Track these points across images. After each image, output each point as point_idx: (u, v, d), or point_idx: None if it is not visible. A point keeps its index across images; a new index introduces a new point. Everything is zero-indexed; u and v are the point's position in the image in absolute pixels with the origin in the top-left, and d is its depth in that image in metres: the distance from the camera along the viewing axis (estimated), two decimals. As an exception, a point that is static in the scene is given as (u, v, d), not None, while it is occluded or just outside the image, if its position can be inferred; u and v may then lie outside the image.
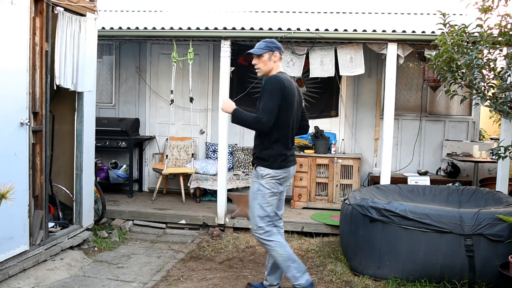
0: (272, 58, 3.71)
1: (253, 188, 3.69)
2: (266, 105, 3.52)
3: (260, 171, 3.64)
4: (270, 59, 3.70)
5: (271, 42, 3.74)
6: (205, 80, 7.39)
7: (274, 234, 3.68)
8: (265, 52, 3.69)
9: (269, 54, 3.69)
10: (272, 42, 3.74)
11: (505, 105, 3.92)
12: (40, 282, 4.09)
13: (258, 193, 3.64)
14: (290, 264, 3.65)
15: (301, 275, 3.65)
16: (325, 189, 6.57)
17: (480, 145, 6.68)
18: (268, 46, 3.71)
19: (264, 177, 3.62)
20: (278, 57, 3.73)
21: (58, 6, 4.48)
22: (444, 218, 4.11)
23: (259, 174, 3.65)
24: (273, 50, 3.70)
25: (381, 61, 6.93)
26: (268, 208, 3.66)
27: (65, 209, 5.18)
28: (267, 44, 3.72)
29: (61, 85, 4.61)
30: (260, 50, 3.69)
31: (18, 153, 4.06)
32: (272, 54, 3.70)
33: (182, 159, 7.25)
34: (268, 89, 3.55)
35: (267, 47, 3.70)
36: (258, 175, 3.65)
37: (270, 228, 3.68)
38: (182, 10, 7.64)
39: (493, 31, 4.00)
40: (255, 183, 3.68)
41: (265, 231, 3.65)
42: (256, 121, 3.53)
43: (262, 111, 3.51)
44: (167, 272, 4.47)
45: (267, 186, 3.63)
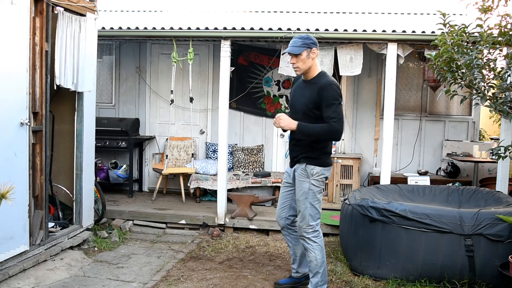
0: (311, 55, 3.61)
1: (303, 188, 3.66)
2: (337, 113, 3.49)
3: (310, 170, 3.64)
4: (309, 56, 3.60)
5: (307, 38, 3.60)
6: (205, 80, 7.39)
7: (321, 236, 3.76)
8: (303, 50, 3.56)
9: (307, 51, 3.58)
10: (308, 38, 3.61)
11: (505, 105, 3.92)
12: (40, 282, 4.09)
13: (309, 192, 3.65)
14: (320, 271, 3.73)
15: (323, 284, 3.77)
16: (325, 189, 6.57)
17: (480, 145, 6.68)
18: (305, 43, 3.56)
19: (314, 175, 3.64)
20: (316, 54, 3.63)
21: (58, 6, 4.48)
22: (444, 218, 4.11)
23: (309, 173, 3.65)
24: (310, 47, 3.58)
25: (381, 61, 6.93)
26: (318, 205, 3.72)
27: (65, 209, 5.18)
28: (304, 41, 3.58)
29: (61, 85, 4.62)
30: (297, 49, 3.56)
31: (18, 153, 4.06)
32: (311, 51, 3.60)
33: (182, 159, 7.25)
34: (334, 95, 3.51)
35: (304, 44, 3.56)
36: (308, 174, 3.65)
37: (319, 229, 3.75)
38: (182, 10, 7.65)
39: (493, 31, 4.00)
40: (304, 182, 3.66)
41: (315, 230, 3.71)
42: (331, 131, 3.49)
43: (337, 120, 3.47)
44: (167, 272, 4.47)
45: (317, 184, 3.66)
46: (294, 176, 3.79)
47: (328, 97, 3.50)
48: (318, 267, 3.72)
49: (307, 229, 3.69)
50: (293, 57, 3.62)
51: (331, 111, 3.48)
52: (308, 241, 3.72)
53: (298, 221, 3.77)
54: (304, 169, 3.67)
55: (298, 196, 3.71)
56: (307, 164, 3.65)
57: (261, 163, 7.21)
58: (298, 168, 3.71)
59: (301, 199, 3.69)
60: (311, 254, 3.71)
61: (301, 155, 3.68)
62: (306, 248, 3.75)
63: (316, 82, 3.62)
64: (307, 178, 3.66)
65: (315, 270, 3.73)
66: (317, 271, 3.73)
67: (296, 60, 3.61)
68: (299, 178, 3.69)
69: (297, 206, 3.77)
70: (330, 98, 3.50)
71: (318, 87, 3.56)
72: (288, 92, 7.21)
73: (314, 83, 3.63)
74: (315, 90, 3.57)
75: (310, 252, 3.72)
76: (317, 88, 3.56)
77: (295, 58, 3.61)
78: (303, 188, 3.67)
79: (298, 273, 4.09)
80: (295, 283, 4.09)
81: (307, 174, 3.66)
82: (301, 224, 3.72)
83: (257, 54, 7.14)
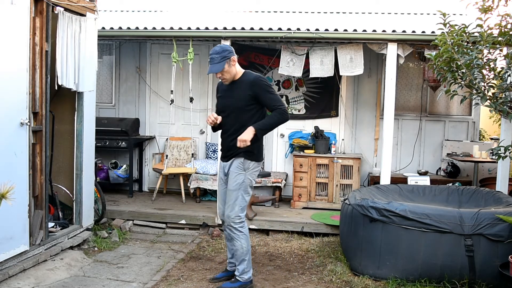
0: (231, 63, 3.86)
1: (238, 180, 3.89)
2: (276, 97, 3.84)
3: (246, 164, 3.90)
4: (230, 65, 3.84)
5: (223, 51, 3.80)
6: (205, 80, 7.39)
7: (246, 225, 4.01)
8: (224, 65, 3.80)
9: (227, 63, 3.82)
10: (224, 50, 3.80)
11: (505, 105, 3.92)
12: (40, 282, 4.09)
13: (243, 184, 3.90)
14: (245, 258, 3.99)
15: (249, 270, 4.03)
16: (325, 189, 6.57)
17: (480, 145, 6.68)
18: (223, 56, 3.79)
19: (250, 169, 3.92)
20: (235, 59, 3.87)
21: (58, 6, 4.48)
22: (444, 218, 4.11)
23: (245, 167, 3.90)
24: (229, 57, 3.81)
25: (381, 61, 6.93)
26: (248, 198, 3.99)
27: (65, 209, 5.17)
28: (221, 55, 3.78)
29: (63, 85, 4.63)
30: (219, 66, 3.78)
31: (18, 153, 4.06)
32: (230, 60, 3.83)
33: (182, 159, 7.25)
34: (264, 85, 3.85)
35: (223, 58, 3.79)
36: (245, 168, 3.90)
37: (245, 219, 4.00)
38: (182, 10, 7.65)
39: (493, 31, 4.00)
40: (240, 175, 3.89)
41: (242, 221, 3.96)
42: (282, 115, 3.80)
43: (280, 103, 3.81)
44: (167, 272, 4.47)
45: (251, 178, 3.94)
46: (228, 170, 3.98)
47: (262, 86, 3.82)
48: (244, 255, 3.96)
49: (235, 219, 3.91)
50: (218, 73, 3.85)
51: (270, 98, 3.82)
52: (235, 231, 3.94)
53: (227, 211, 3.96)
54: (242, 163, 3.90)
55: (231, 187, 3.92)
56: (245, 159, 3.89)
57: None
58: (235, 162, 3.92)
59: (234, 190, 3.91)
60: (237, 243, 3.95)
61: (241, 150, 3.86)
62: (233, 237, 3.96)
63: (243, 80, 3.90)
64: (243, 171, 3.90)
65: (241, 257, 3.97)
66: (243, 258, 3.97)
67: (221, 73, 3.86)
68: (235, 171, 3.91)
69: (228, 196, 3.96)
70: (264, 87, 3.83)
71: (249, 84, 3.84)
72: (288, 92, 7.22)
73: (241, 82, 3.90)
74: (246, 85, 3.85)
75: (237, 241, 3.94)
76: (249, 82, 3.85)
77: (219, 73, 3.85)
78: (237, 180, 3.90)
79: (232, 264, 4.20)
80: (232, 276, 4.16)
81: (244, 168, 3.90)
82: (230, 214, 3.92)
83: (257, 54, 7.14)
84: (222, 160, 4.09)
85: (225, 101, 4.00)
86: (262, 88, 3.82)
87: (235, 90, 3.90)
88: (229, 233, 3.98)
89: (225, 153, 4.04)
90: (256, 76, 3.89)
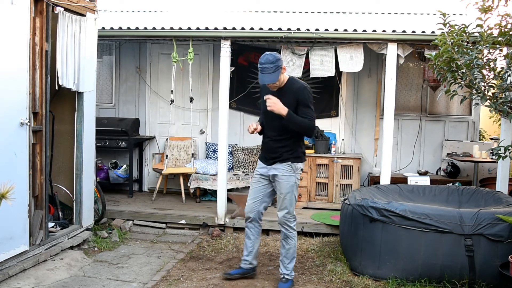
0: (282, 71, 3.90)
1: (290, 182, 4.01)
2: (312, 113, 3.93)
3: (294, 166, 4.01)
4: (281, 73, 3.89)
5: (276, 60, 3.82)
6: (205, 80, 7.39)
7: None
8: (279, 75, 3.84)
9: (281, 72, 3.87)
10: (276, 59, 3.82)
11: (505, 105, 3.92)
12: (40, 282, 4.09)
13: (294, 185, 4.03)
14: (295, 256, 4.18)
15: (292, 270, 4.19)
16: (325, 189, 6.57)
17: (480, 145, 6.68)
18: (276, 66, 3.82)
19: (297, 170, 4.04)
20: (285, 68, 3.94)
21: (58, 6, 4.49)
22: (444, 218, 4.11)
23: (294, 169, 4.01)
24: (281, 66, 3.86)
25: (381, 61, 6.93)
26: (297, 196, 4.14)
27: (65, 209, 5.17)
28: (275, 64, 3.80)
29: (63, 85, 4.63)
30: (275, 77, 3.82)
31: (18, 153, 4.06)
32: (282, 69, 3.87)
33: (182, 159, 7.25)
34: (308, 97, 3.93)
35: (277, 67, 3.82)
36: (294, 170, 4.01)
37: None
38: (182, 10, 7.64)
39: (493, 31, 4.00)
40: (291, 177, 4.01)
41: (295, 219, 4.14)
42: (310, 126, 3.92)
43: (312, 119, 3.92)
44: (167, 272, 4.47)
45: (299, 177, 4.09)
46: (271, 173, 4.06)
47: (304, 98, 3.91)
48: (295, 253, 4.16)
49: (290, 219, 4.07)
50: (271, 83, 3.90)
51: (307, 111, 3.90)
52: (290, 230, 4.10)
53: (282, 213, 4.06)
54: (290, 165, 4.01)
55: (285, 190, 4.02)
56: (293, 162, 4.01)
57: (261, 163, 7.20)
58: (283, 165, 4.01)
59: (287, 192, 4.02)
60: (291, 242, 4.11)
61: (287, 154, 3.99)
62: (288, 236, 4.10)
63: (290, 87, 3.96)
64: (293, 173, 4.02)
65: (293, 255, 4.15)
66: (293, 256, 4.16)
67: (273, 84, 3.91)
68: (285, 174, 4.01)
69: (281, 200, 4.06)
70: (306, 99, 3.92)
71: (295, 91, 3.92)
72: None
73: (287, 89, 3.96)
74: (292, 94, 3.92)
75: (291, 239, 4.11)
76: (294, 91, 3.92)
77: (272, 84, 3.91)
78: (290, 182, 4.01)
79: (251, 265, 4.32)
80: (245, 273, 4.30)
81: (293, 170, 4.02)
82: (286, 215, 4.06)
83: (257, 54, 7.10)
84: (264, 162, 4.13)
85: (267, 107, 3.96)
86: (305, 99, 3.90)
87: (282, 97, 3.90)
88: (285, 232, 4.10)
89: (268, 155, 4.09)
90: (302, 86, 3.96)
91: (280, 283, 4.13)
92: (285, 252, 4.14)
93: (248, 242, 4.26)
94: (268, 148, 4.09)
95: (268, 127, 4.07)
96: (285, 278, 4.13)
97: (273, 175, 4.06)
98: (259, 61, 3.86)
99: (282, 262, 4.18)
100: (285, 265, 4.15)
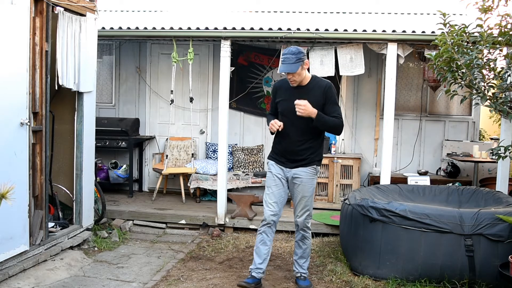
0: (304, 67, 3.79)
1: (313, 185, 3.97)
2: (340, 111, 3.86)
3: (317, 169, 3.98)
4: (303, 68, 3.77)
5: (299, 52, 3.72)
6: (205, 80, 7.39)
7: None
8: (299, 66, 3.71)
9: (301, 66, 3.74)
10: (300, 52, 3.73)
11: (505, 105, 3.91)
12: (40, 282, 4.09)
13: (314, 188, 4.00)
14: (310, 255, 4.22)
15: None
16: (325, 189, 6.57)
17: (480, 145, 6.68)
18: (298, 58, 3.69)
19: (318, 172, 4.03)
20: (308, 63, 3.83)
21: (58, 6, 4.49)
22: (444, 218, 4.11)
23: (316, 171, 3.98)
24: (303, 60, 3.74)
25: (381, 61, 6.93)
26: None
27: (65, 209, 5.18)
28: (297, 56, 3.70)
29: (63, 85, 4.63)
30: (294, 67, 3.69)
31: (18, 153, 4.06)
32: (304, 63, 3.76)
33: (182, 159, 7.25)
34: (335, 94, 3.87)
35: (298, 59, 3.70)
36: (316, 173, 3.98)
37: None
38: (182, 10, 7.65)
39: (493, 31, 4.00)
40: (313, 180, 3.96)
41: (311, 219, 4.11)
42: (339, 125, 3.82)
43: (340, 117, 3.83)
44: (167, 272, 4.47)
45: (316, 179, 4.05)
46: (291, 176, 3.93)
47: (332, 96, 3.83)
48: (310, 251, 4.19)
49: (309, 220, 4.03)
50: (289, 73, 3.76)
51: (336, 109, 3.82)
52: (307, 230, 4.06)
53: (303, 216, 3.99)
54: (314, 169, 3.94)
55: (308, 193, 3.94)
56: (317, 165, 3.96)
57: (261, 163, 7.21)
58: (307, 169, 3.90)
59: (310, 196, 3.96)
60: (308, 242, 4.09)
61: (312, 157, 3.91)
62: (306, 237, 4.07)
63: (315, 85, 3.84)
64: (315, 176, 3.97)
65: (309, 254, 4.17)
66: (309, 254, 4.18)
67: (293, 75, 3.76)
68: (308, 177, 3.92)
69: (303, 203, 3.96)
70: (334, 97, 3.84)
71: (322, 89, 3.80)
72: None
73: (311, 87, 3.84)
74: (319, 92, 3.80)
75: (308, 240, 4.09)
76: (321, 89, 3.80)
77: (291, 74, 3.76)
78: (313, 184, 3.96)
79: (264, 273, 4.07)
80: (258, 284, 4.03)
81: (316, 173, 3.97)
82: (307, 218, 4.01)
83: (257, 54, 7.14)
84: (282, 165, 3.94)
85: (292, 105, 3.76)
86: (333, 97, 3.82)
87: (306, 95, 3.76)
88: (303, 234, 4.04)
89: (290, 158, 3.91)
90: (329, 83, 3.86)
91: (300, 281, 4.11)
92: (302, 252, 4.09)
93: (264, 248, 3.97)
94: (290, 150, 3.89)
95: (289, 128, 3.84)
96: (303, 276, 4.13)
97: (294, 177, 3.91)
98: (282, 52, 3.74)
99: (298, 262, 4.13)
100: (301, 264, 4.12)
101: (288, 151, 3.92)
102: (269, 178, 4.03)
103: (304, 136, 3.85)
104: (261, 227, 4.01)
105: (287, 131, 3.86)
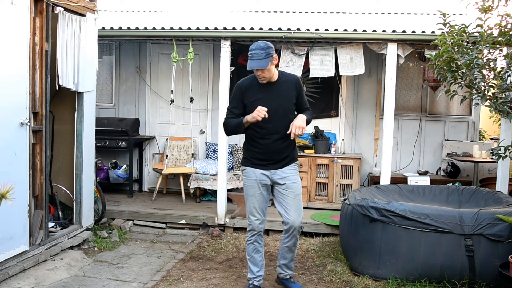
0: (273, 62, 3.63)
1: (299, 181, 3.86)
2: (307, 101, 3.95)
3: (297, 165, 3.90)
4: (272, 63, 3.62)
5: (268, 47, 3.55)
6: (205, 80, 7.39)
7: None
8: (269, 62, 3.55)
9: (271, 61, 3.59)
10: (268, 46, 3.56)
11: (505, 105, 3.92)
12: (40, 282, 4.09)
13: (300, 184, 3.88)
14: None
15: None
16: (325, 189, 6.57)
17: (480, 145, 6.68)
18: (268, 53, 3.53)
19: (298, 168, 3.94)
20: (276, 58, 3.67)
21: (58, 6, 4.49)
22: (444, 218, 4.10)
23: (297, 168, 3.89)
24: (272, 55, 3.58)
25: (381, 61, 6.93)
26: None
27: (65, 209, 5.18)
28: (266, 51, 3.53)
29: (63, 85, 4.63)
30: (265, 63, 3.53)
31: (18, 153, 4.06)
32: (273, 58, 3.60)
33: (182, 159, 7.25)
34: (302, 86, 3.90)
35: (268, 55, 3.53)
36: (297, 169, 3.88)
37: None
38: (182, 10, 7.65)
39: (493, 31, 4.00)
40: (297, 177, 3.84)
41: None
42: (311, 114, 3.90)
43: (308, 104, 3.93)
44: (167, 272, 4.47)
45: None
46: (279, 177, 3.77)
47: (302, 89, 3.86)
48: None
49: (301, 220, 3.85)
50: (259, 70, 3.60)
51: (306, 100, 3.91)
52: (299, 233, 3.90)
53: (300, 217, 3.78)
54: (296, 164, 3.88)
55: (298, 191, 3.80)
56: (296, 161, 3.89)
57: (261, 163, 7.20)
58: (291, 166, 3.83)
59: (299, 193, 3.83)
60: (297, 243, 3.95)
61: (293, 153, 3.87)
62: (296, 243, 3.92)
63: (285, 80, 3.78)
64: (298, 173, 3.88)
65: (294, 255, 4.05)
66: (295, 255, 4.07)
67: (262, 71, 3.60)
68: (293, 175, 3.82)
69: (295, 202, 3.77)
70: (303, 89, 3.89)
71: (294, 83, 3.79)
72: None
73: (282, 82, 3.76)
74: (292, 86, 3.77)
75: (298, 240, 3.94)
76: (293, 84, 3.78)
77: (260, 70, 3.60)
78: (299, 181, 3.87)
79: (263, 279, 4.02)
80: None
81: (297, 169, 3.88)
82: (299, 218, 3.79)
83: (257, 54, 7.13)
84: (267, 168, 3.77)
85: (268, 103, 3.63)
86: (302, 89, 3.88)
87: (279, 91, 3.69)
88: (296, 238, 3.84)
89: (273, 158, 3.76)
90: (297, 76, 3.92)
91: (291, 284, 3.99)
92: (292, 255, 3.96)
93: (258, 256, 3.90)
94: (273, 150, 3.73)
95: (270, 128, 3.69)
96: (293, 279, 4.05)
97: (282, 178, 3.76)
98: (250, 48, 3.57)
99: (287, 265, 3.99)
100: (290, 266, 4.01)
101: (271, 151, 3.74)
102: (250, 187, 3.82)
103: (283, 134, 3.69)
104: (250, 237, 3.87)
105: (270, 130, 3.70)
